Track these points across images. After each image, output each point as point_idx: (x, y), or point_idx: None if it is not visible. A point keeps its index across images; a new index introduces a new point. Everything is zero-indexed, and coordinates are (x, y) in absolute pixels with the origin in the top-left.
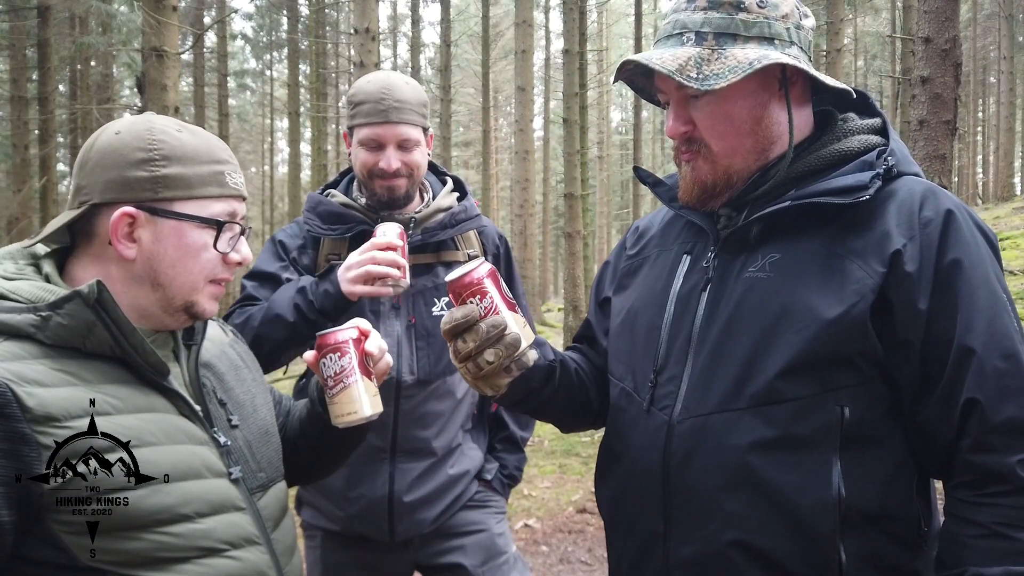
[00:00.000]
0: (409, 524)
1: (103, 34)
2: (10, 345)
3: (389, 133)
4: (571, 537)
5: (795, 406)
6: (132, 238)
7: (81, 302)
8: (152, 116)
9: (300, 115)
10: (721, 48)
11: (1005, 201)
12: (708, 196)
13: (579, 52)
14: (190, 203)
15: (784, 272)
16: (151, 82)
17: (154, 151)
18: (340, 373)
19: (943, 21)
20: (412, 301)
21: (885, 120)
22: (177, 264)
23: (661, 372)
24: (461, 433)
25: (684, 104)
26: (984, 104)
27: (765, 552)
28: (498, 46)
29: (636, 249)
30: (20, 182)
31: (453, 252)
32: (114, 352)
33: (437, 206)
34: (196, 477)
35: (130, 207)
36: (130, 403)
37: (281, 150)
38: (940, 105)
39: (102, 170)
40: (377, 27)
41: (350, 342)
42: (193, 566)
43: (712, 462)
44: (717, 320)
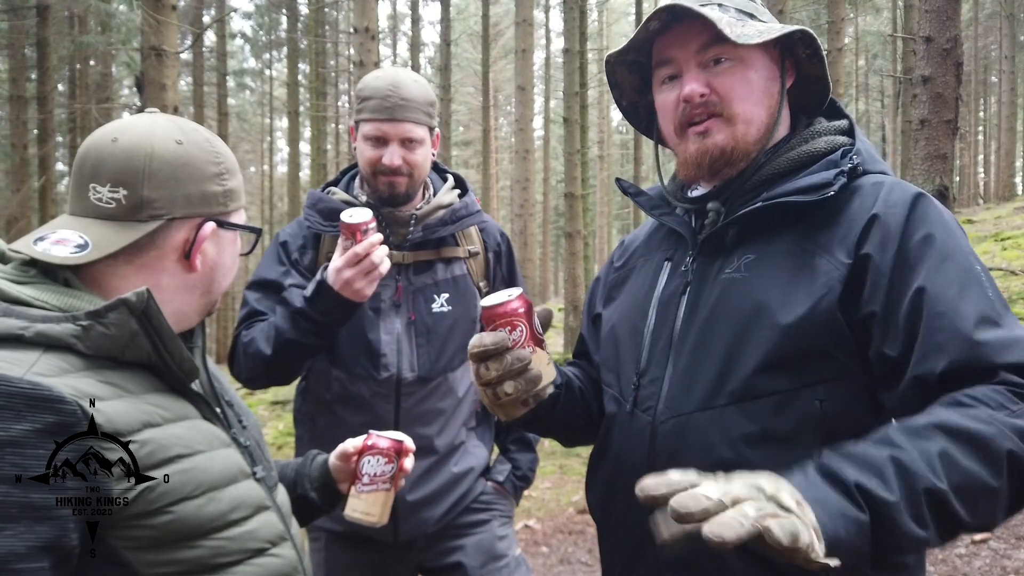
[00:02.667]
0: (413, 523)
1: (102, 33)
2: (53, 359)
3: (393, 130)
4: (571, 538)
5: (773, 401)
6: (202, 250)
7: (127, 311)
8: (189, 123)
9: (299, 114)
10: (742, 19)
11: (1006, 201)
12: (723, 163)
13: (579, 51)
14: (238, 214)
15: (757, 272)
16: (150, 81)
17: (220, 164)
18: (379, 476)
19: (944, 20)
20: (412, 298)
21: (852, 121)
22: (228, 272)
23: (643, 374)
24: (464, 431)
25: (702, 70)
26: (985, 104)
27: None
28: (498, 45)
29: (622, 262)
30: (19, 182)
31: (454, 248)
32: (151, 360)
33: (438, 203)
34: (234, 481)
35: (212, 221)
36: (172, 412)
37: (280, 149)
38: (941, 105)
39: (179, 184)
40: (377, 26)
41: (395, 453)
42: (246, 567)
43: (696, 460)
44: (696, 322)
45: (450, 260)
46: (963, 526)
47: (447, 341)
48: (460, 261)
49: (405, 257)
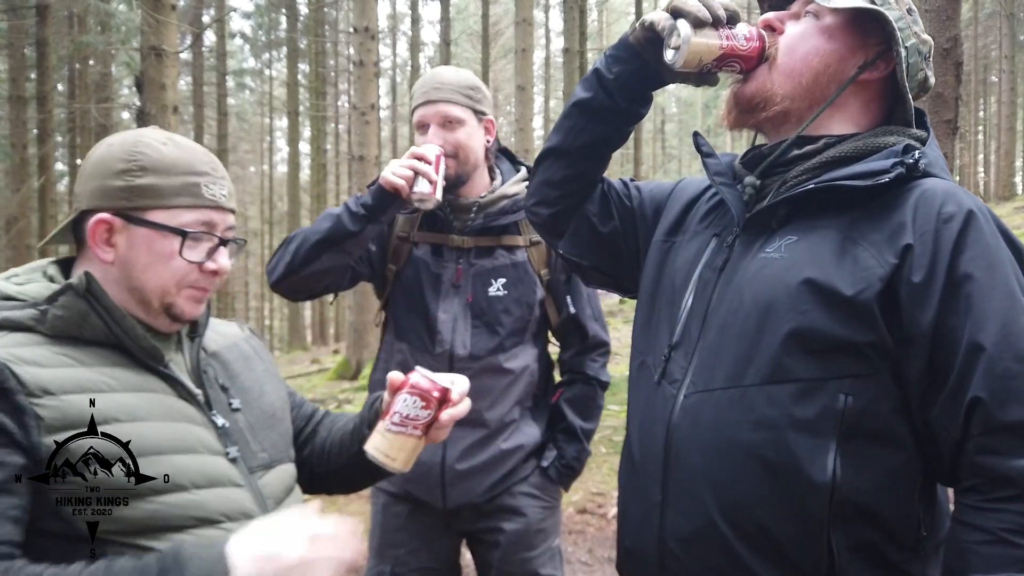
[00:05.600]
0: (461, 491)
1: (102, 33)
2: (13, 336)
3: (431, 112)
4: (571, 537)
5: (798, 387)
6: (110, 243)
7: (73, 293)
8: (150, 130)
9: (299, 114)
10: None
11: (1006, 200)
12: (744, 110)
13: (579, 51)
14: (160, 212)
15: (797, 254)
16: (150, 81)
17: (133, 162)
18: (411, 419)
19: (944, 20)
20: (471, 281)
21: (930, 133)
22: (148, 270)
23: (676, 348)
24: (519, 409)
25: (794, 20)
26: (985, 103)
27: (757, 530)
28: (498, 45)
29: (684, 222)
30: (19, 181)
31: (514, 237)
32: (109, 339)
33: (503, 192)
34: (190, 452)
35: (106, 214)
36: (127, 383)
37: (280, 149)
38: (941, 104)
39: (90, 179)
40: (376, 26)
41: (435, 400)
42: (188, 535)
43: (712, 437)
44: (728, 299)
45: (512, 247)
46: None
47: (502, 323)
48: (521, 249)
49: (466, 242)
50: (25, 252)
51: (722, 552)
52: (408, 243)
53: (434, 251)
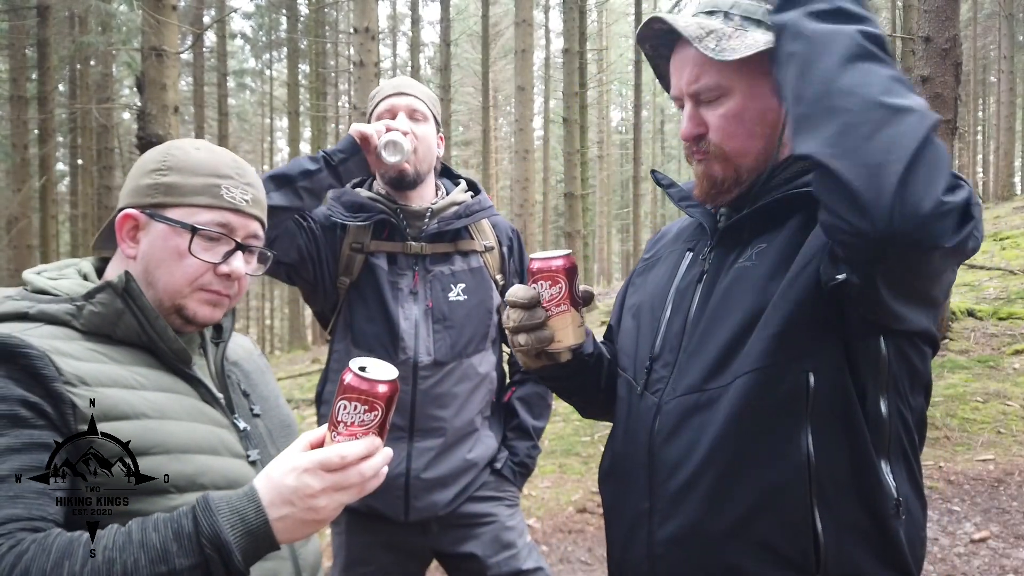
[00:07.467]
0: (424, 504)
1: (103, 33)
2: (50, 329)
3: (402, 102)
4: (571, 537)
5: (764, 375)
6: (136, 239)
7: (112, 291)
8: (190, 139)
9: (300, 115)
10: (744, 30)
11: (1005, 200)
12: (717, 192)
13: (579, 51)
14: (179, 210)
15: (765, 258)
16: (150, 81)
17: (162, 162)
18: (356, 425)
19: (943, 20)
20: (429, 286)
21: None
22: (161, 266)
23: (656, 359)
24: (480, 418)
25: (696, 105)
26: (984, 103)
27: (743, 526)
28: (498, 45)
29: (650, 253)
30: (20, 181)
31: (469, 241)
32: (141, 339)
33: (452, 199)
34: (213, 453)
35: (132, 210)
36: (155, 382)
37: (280, 150)
38: (940, 104)
39: (129, 179)
40: (377, 26)
41: (381, 398)
42: None
43: (691, 438)
44: (707, 309)
45: (467, 253)
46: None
47: (463, 328)
48: (477, 254)
49: (423, 248)
50: (26, 252)
51: (711, 554)
52: (363, 253)
53: (390, 259)
